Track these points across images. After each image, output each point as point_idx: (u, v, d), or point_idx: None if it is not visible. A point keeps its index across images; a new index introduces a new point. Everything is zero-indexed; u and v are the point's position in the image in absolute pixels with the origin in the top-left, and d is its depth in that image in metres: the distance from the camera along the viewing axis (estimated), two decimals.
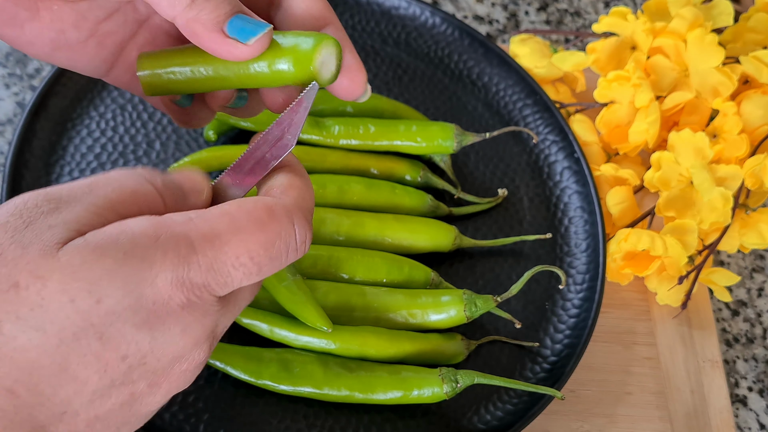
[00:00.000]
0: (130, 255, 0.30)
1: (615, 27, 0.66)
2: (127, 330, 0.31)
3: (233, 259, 0.32)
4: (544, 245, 0.61)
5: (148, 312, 0.31)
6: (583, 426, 0.57)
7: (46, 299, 0.29)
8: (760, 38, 0.67)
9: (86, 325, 0.30)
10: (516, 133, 0.66)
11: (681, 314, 0.62)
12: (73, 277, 0.29)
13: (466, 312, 0.54)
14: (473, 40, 0.68)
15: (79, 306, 0.29)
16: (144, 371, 0.32)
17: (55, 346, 0.29)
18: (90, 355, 0.30)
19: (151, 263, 0.30)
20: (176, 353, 0.32)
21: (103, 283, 0.30)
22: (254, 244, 0.32)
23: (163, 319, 0.31)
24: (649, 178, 0.62)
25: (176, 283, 0.31)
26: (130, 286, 0.30)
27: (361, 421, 0.53)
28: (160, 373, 0.33)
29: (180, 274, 0.31)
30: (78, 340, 0.30)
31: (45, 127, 0.60)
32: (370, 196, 0.59)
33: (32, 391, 0.30)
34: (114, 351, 0.31)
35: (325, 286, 0.54)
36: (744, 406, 0.61)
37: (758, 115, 0.62)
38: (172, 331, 0.32)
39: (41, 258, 0.29)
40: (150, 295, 0.31)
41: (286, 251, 0.34)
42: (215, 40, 0.35)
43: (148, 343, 0.31)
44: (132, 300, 0.30)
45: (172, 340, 0.32)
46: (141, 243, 0.30)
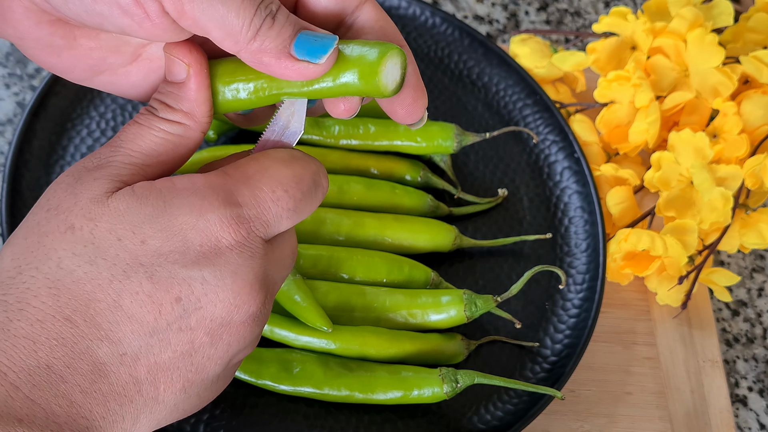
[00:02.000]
0: (170, 203, 0.33)
1: (615, 27, 0.66)
2: (177, 271, 0.33)
3: (269, 194, 0.35)
4: (544, 245, 0.61)
5: (196, 254, 0.33)
6: (583, 426, 0.57)
7: (97, 237, 0.33)
8: (760, 38, 0.67)
9: (135, 263, 0.33)
10: (516, 133, 0.66)
11: (681, 314, 0.62)
12: (119, 219, 0.33)
13: (466, 312, 0.54)
14: (473, 40, 0.68)
15: (126, 245, 0.33)
16: (201, 317, 0.34)
17: (107, 281, 0.32)
18: (142, 294, 0.33)
19: (191, 208, 0.33)
20: (231, 299, 0.34)
21: (146, 226, 0.33)
22: (285, 177, 0.35)
23: (212, 260, 0.33)
24: (649, 178, 0.62)
25: (220, 224, 0.33)
26: (174, 229, 0.33)
27: (361, 421, 0.53)
28: (218, 321, 0.34)
29: (222, 215, 0.33)
30: (128, 277, 0.33)
31: (45, 127, 0.60)
32: (370, 196, 0.59)
33: (89, 323, 0.32)
34: (166, 292, 0.33)
35: (325, 286, 0.54)
36: (744, 406, 0.61)
37: (758, 115, 0.62)
38: (222, 272, 0.33)
39: (92, 203, 0.33)
40: (196, 238, 0.33)
41: (315, 186, 0.36)
42: (285, 66, 0.33)
43: (201, 285, 0.33)
44: (177, 243, 0.33)
45: (224, 283, 0.33)
46: (181, 193, 0.33)
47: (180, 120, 0.36)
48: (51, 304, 0.32)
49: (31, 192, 0.58)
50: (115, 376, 0.33)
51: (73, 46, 0.36)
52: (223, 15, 0.32)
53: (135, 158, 0.35)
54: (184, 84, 0.36)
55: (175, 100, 0.36)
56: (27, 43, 0.36)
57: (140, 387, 0.34)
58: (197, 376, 0.35)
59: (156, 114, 0.36)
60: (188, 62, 0.35)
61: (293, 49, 0.33)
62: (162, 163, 0.36)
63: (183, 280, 0.33)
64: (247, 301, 0.34)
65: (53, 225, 0.33)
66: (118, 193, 0.33)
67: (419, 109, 0.36)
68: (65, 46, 0.36)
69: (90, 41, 0.36)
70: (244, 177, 0.35)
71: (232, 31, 0.32)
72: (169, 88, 0.36)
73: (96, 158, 0.35)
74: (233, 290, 0.34)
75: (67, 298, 0.32)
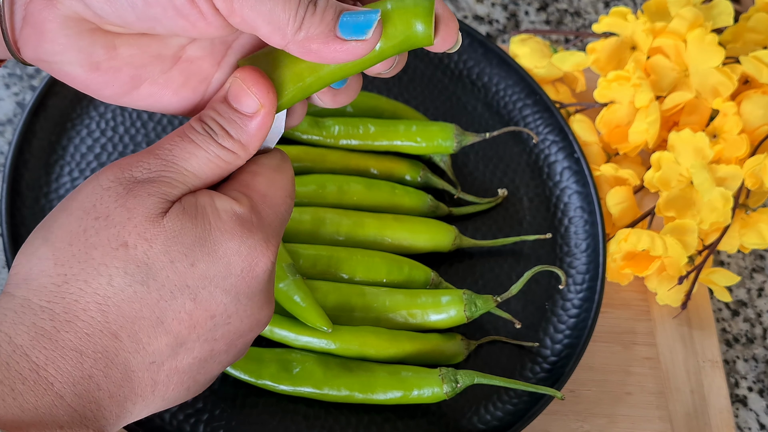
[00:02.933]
0: (216, 227, 0.34)
1: (615, 27, 0.66)
2: (217, 294, 0.35)
3: (283, 207, 0.37)
4: (544, 245, 0.61)
5: (236, 278, 0.35)
6: (583, 426, 0.57)
7: (151, 258, 0.33)
8: (760, 38, 0.67)
9: (182, 285, 0.34)
10: (516, 133, 0.66)
11: (681, 314, 0.62)
12: (173, 241, 0.33)
13: (466, 312, 0.54)
14: (473, 40, 0.68)
15: (177, 267, 0.34)
16: (227, 330, 0.36)
17: (155, 301, 0.34)
18: (183, 313, 0.34)
19: (233, 235, 0.35)
20: (256, 314, 0.37)
21: (196, 249, 0.34)
22: (287, 184, 0.37)
23: (248, 283, 0.35)
24: (649, 178, 0.62)
25: (258, 251, 0.35)
26: (219, 253, 0.34)
27: (361, 421, 0.53)
28: (239, 333, 0.37)
29: (259, 241, 0.35)
30: (175, 298, 0.34)
31: (45, 127, 0.60)
32: (370, 196, 0.59)
33: (132, 338, 0.34)
34: (204, 311, 0.35)
35: (325, 286, 0.54)
36: (744, 406, 0.61)
37: (758, 115, 0.62)
38: (255, 293, 0.36)
39: (147, 222, 0.33)
40: (237, 263, 0.35)
41: None
42: (334, 49, 0.33)
43: (234, 305, 0.35)
44: (221, 267, 0.34)
45: (253, 302, 0.36)
46: (224, 218, 0.35)
47: (236, 150, 0.36)
48: (100, 319, 0.33)
49: (31, 192, 0.58)
50: (138, 380, 0.34)
51: (113, 57, 0.35)
52: (270, 10, 0.32)
53: (188, 178, 0.35)
54: (251, 118, 0.36)
55: (237, 130, 0.36)
56: (64, 58, 0.34)
57: (155, 388, 0.35)
58: (204, 377, 0.37)
59: (214, 138, 0.35)
60: (263, 102, 0.35)
61: (338, 30, 0.33)
62: (206, 184, 0.36)
63: (221, 301, 0.35)
64: (266, 315, 0.38)
65: (103, 238, 0.33)
66: (171, 213, 0.34)
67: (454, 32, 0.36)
68: (105, 57, 0.35)
69: (131, 49, 0.35)
70: (261, 196, 0.36)
71: (279, 25, 0.33)
72: (232, 115, 0.36)
73: (146, 169, 0.34)
74: (259, 307, 0.37)
75: (116, 315, 0.33)
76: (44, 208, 0.58)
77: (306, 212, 0.57)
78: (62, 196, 0.58)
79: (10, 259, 0.54)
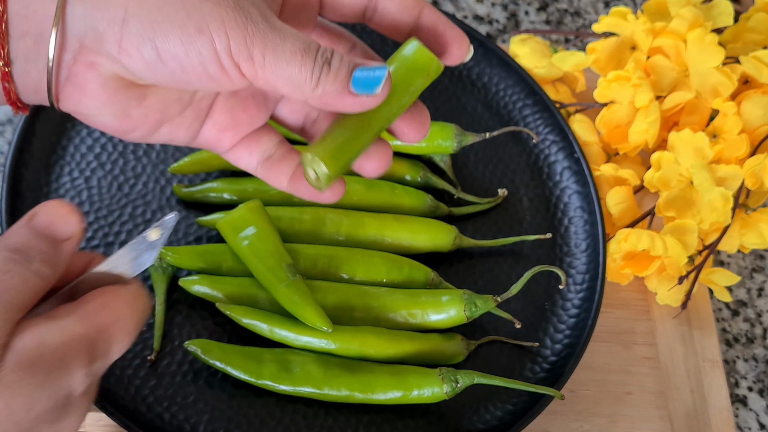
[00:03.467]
0: (53, 368, 0.35)
1: (615, 27, 0.66)
2: (44, 428, 0.36)
3: (119, 344, 0.38)
4: (544, 245, 0.61)
5: (59, 408, 0.36)
6: (583, 426, 0.57)
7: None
8: (760, 38, 0.67)
9: (19, 429, 0.35)
10: (516, 133, 0.66)
11: (681, 314, 0.62)
12: (14, 394, 0.34)
13: (466, 312, 0.54)
14: (473, 40, 0.68)
15: (16, 417, 0.34)
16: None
17: None
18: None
19: (67, 369, 0.35)
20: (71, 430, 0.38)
21: (36, 395, 0.35)
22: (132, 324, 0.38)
23: (68, 410, 0.36)
24: (649, 178, 0.62)
25: (81, 380, 0.36)
26: (54, 392, 0.35)
27: (361, 421, 0.53)
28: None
29: (85, 372, 0.36)
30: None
31: (45, 127, 0.60)
32: (370, 196, 0.59)
33: None
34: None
35: (325, 286, 0.54)
36: (744, 406, 0.61)
37: (758, 115, 0.62)
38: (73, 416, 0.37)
39: None
40: (65, 394, 0.36)
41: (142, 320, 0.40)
42: (346, 103, 0.37)
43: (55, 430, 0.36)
44: (52, 402, 0.35)
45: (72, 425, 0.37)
46: (59, 355, 0.35)
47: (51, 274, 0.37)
48: None
49: (31, 192, 0.58)
50: None
51: (141, 105, 0.39)
52: (289, 73, 0.36)
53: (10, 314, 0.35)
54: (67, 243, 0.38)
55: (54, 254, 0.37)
56: (102, 111, 0.38)
57: None
58: None
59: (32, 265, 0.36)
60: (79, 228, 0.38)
61: (351, 87, 0.37)
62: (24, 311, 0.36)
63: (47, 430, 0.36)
64: None
65: None
66: (8, 363, 0.34)
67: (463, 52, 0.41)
68: (135, 106, 0.39)
69: (157, 97, 0.39)
70: (100, 327, 0.37)
71: (298, 85, 0.36)
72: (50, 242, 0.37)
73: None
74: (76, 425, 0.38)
75: None
76: None
77: (306, 212, 0.57)
78: (62, 196, 0.58)
79: None
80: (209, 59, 0.36)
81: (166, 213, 0.59)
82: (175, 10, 0.35)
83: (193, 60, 0.36)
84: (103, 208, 0.58)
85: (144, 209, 0.59)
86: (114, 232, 0.57)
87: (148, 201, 0.59)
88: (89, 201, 0.58)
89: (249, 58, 0.36)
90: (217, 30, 0.35)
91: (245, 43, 0.35)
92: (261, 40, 0.35)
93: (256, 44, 0.35)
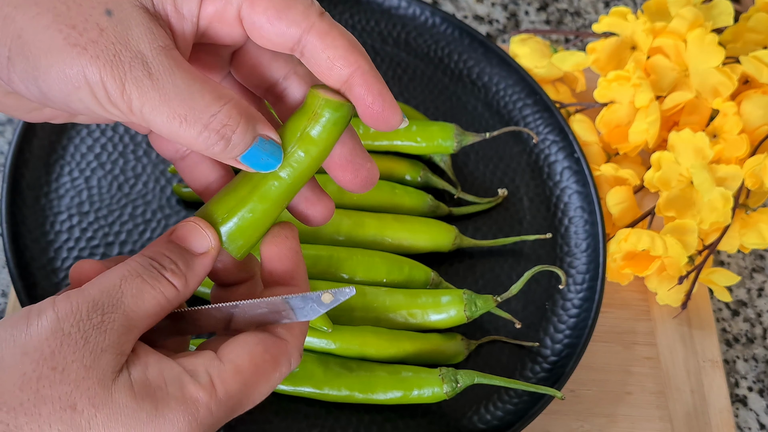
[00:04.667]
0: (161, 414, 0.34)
1: (615, 27, 0.66)
2: None
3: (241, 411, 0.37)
4: (544, 245, 0.61)
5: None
6: (583, 426, 0.57)
7: (93, 429, 0.33)
8: (760, 38, 0.67)
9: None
10: (516, 133, 0.66)
11: (681, 314, 0.62)
12: (116, 419, 0.33)
13: (466, 312, 0.54)
14: (473, 40, 0.68)
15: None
16: None
17: None
18: None
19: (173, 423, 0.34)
20: None
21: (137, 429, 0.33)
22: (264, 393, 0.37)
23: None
24: (649, 178, 0.62)
25: None
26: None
27: (361, 421, 0.53)
28: None
29: None
30: None
31: (45, 126, 0.60)
32: (370, 196, 0.59)
33: None
34: None
35: (325, 286, 0.54)
36: (744, 406, 0.61)
37: (758, 115, 0.62)
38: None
39: (99, 387, 0.33)
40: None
41: None
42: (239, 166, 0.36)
43: None
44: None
45: None
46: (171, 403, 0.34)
47: (180, 287, 0.36)
48: None
49: (31, 192, 0.58)
50: None
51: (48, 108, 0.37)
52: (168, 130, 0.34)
53: (135, 322, 0.34)
54: (200, 257, 0.37)
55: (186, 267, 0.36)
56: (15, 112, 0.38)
57: None
58: None
59: (163, 273, 0.36)
60: (215, 244, 0.37)
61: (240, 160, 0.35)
62: (148, 325, 0.36)
63: None
64: None
65: (55, 393, 0.32)
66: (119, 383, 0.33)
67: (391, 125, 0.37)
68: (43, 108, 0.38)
69: None
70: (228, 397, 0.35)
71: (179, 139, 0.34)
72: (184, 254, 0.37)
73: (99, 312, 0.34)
74: None
75: None
76: (44, 208, 0.58)
77: None
78: (62, 196, 0.58)
79: (11, 259, 0.54)
80: (91, 103, 0.33)
81: (166, 213, 0.59)
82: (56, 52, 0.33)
83: (76, 103, 0.34)
84: (103, 208, 0.58)
85: (144, 209, 0.59)
86: (114, 232, 0.57)
87: (148, 201, 0.59)
88: (89, 201, 0.58)
89: (129, 110, 0.33)
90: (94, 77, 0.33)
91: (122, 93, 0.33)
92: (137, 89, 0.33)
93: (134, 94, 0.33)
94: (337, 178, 0.39)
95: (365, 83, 0.35)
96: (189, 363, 0.35)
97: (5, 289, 0.59)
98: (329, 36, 0.35)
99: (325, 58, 0.35)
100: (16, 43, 0.33)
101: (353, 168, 0.38)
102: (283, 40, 0.35)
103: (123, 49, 0.33)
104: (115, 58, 0.32)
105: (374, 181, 0.39)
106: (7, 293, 0.58)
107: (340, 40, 0.35)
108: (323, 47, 0.35)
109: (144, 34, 0.33)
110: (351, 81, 0.35)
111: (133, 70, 0.33)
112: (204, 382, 0.35)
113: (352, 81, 0.35)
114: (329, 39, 0.35)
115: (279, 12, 0.34)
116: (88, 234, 0.57)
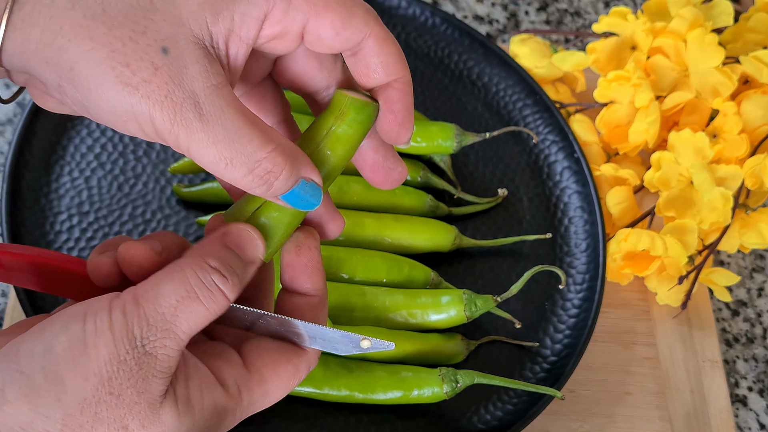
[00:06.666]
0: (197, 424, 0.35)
1: (615, 27, 0.66)
2: None
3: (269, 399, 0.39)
4: (544, 245, 0.61)
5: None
6: (583, 426, 0.57)
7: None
8: (760, 38, 0.67)
9: None
10: (516, 133, 0.66)
11: (681, 314, 0.62)
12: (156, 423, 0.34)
13: (466, 312, 0.54)
14: (473, 40, 0.68)
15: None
16: None
17: None
18: None
19: None
20: None
21: None
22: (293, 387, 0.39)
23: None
24: (649, 178, 0.62)
25: None
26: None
27: (361, 421, 0.53)
28: None
29: None
30: None
31: (45, 127, 0.60)
32: (370, 196, 0.59)
33: None
34: None
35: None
36: (744, 406, 0.61)
37: (758, 115, 0.62)
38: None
39: (149, 410, 0.34)
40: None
41: None
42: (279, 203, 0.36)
43: None
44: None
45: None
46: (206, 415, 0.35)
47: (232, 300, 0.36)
48: None
49: (31, 192, 0.58)
50: None
51: None
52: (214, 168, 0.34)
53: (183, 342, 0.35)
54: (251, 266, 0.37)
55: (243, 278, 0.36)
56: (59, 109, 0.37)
57: None
58: None
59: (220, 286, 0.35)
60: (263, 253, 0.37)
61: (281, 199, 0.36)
62: None
63: None
64: None
65: (111, 416, 0.34)
66: (167, 404, 0.34)
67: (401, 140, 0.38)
68: None
69: None
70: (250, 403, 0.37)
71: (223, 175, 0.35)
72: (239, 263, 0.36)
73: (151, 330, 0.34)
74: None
75: None
76: (44, 208, 0.58)
77: None
78: (62, 196, 0.58)
79: None
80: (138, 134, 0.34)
81: (166, 213, 0.59)
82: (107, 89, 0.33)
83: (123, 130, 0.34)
84: (103, 208, 0.58)
85: (144, 209, 0.59)
86: (114, 232, 0.57)
87: (148, 201, 0.59)
88: (89, 201, 0.58)
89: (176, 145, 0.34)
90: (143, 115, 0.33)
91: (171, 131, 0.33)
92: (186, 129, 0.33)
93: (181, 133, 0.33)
94: (369, 178, 0.40)
95: (402, 91, 0.37)
96: (220, 370, 0.37)
97: (5, 289, 0.59)
98: (385, 42, 0.36)
99: (378, 63, 0.36)
100: (68, 75, 0.33)
101: (385, 171, 0.40)
102: (344, 46, 0.36)
103: (176, 89, 0.33)
104: (167, 98, 0.33)
105: (402, 181, 0.40)
106: (7, 293, 0.58)
107: (393, 47, 0.37)
108: (378, 52, 0.36)
109: (198, 72, 0.33)
110: (391, 85, 0.37)
111: (185, 111, 0.33)
112: (233, 393, 0.37)
113: (393, 85, 0.37)
114: (385, 45, 0.36)
115: (345, 22, 0.35)
116: (88, 234, 0.57)
